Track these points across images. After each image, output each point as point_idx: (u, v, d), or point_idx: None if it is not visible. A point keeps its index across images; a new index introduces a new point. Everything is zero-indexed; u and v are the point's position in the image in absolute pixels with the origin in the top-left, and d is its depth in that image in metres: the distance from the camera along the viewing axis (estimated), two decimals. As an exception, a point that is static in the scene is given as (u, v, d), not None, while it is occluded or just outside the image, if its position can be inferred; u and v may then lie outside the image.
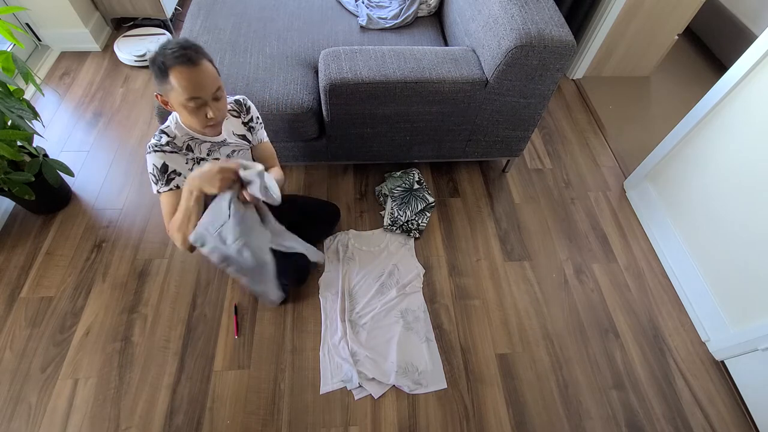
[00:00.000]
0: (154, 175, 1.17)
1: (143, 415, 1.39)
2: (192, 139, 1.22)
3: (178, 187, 1.19)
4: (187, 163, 1.22)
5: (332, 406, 1.44)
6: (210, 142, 1.26)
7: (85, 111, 2.21)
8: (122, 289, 1.64)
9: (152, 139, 1.19)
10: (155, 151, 1.16)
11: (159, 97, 1.14)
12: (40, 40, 2.43)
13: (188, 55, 1.04)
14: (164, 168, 1.17)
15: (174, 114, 1.21)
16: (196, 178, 1.05)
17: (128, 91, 2.32)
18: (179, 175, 1.20)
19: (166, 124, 1.21)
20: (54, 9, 2.26)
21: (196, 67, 1.05)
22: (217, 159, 1.29)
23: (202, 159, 1.26)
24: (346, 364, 1.50)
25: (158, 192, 1.20)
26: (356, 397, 1.46)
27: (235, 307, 1.61)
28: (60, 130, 2.12)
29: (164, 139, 1.18)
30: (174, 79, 1.04)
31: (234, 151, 1.33)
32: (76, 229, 1.79)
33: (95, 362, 1.47)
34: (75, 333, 1.53)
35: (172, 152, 1.18)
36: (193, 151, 1.23)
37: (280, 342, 1.56)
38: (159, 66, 1.04)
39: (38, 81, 2.19)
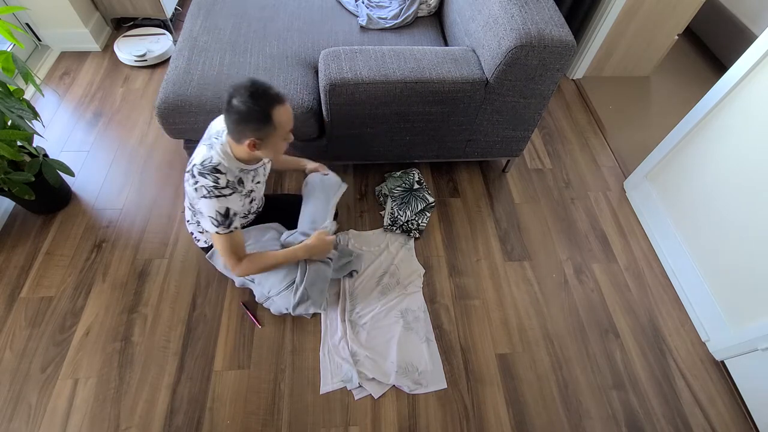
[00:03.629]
0: (217, 220, 1.17)
1: (143, 415, 1.39)
2: (242, 170, 1.22)
3: (236, 228, 1.22)
4: (241, 200, 1.23)
5: (332, 406, 1.44)
6: (255, 168, 1.28)
7: (85, 111, 2.21)
8: (122, 289, 1.64)
9: (204, 178, 1.14)
10: (217, 196, 1.15)
11: (253, 142, 1.11)
12: (40, 40, 2.43)
13: (278, 95, 1.09)
14: (227, 213, 1.18)
15: (223, 147, 1.17)
16: (317, 253, 1.41)
17: (128, 91, 2.32)
18: (236, 215, 1.21)
19: (215, 160, 1.16)
20: (54, 9, 2.26)
21: (286, 102, 1.11)
22: (259, 183, 1.33)
23: (251, 191, 1.29)
24: (346, 364, 1.50)
25: (216, 233, 1.20)
26: (356, 397, 1.46)
27: (244, 305, 1.62)
28: (60, 130, 2.12)
29: (222, 180, 1.15)
30: (278, 118, 1.09)
31: (264, 166, 1.36)
32: (76, 229, 1.79)
33: (95, 362, 1.47)
34: (75, 333, 1.53)
35: (231, 194, 1.18)
36: (244, 184, 1.24)
37: (280, 342, 1.56)
38: (261, 112, 1.06)
39: (38, 81, 2.20)
